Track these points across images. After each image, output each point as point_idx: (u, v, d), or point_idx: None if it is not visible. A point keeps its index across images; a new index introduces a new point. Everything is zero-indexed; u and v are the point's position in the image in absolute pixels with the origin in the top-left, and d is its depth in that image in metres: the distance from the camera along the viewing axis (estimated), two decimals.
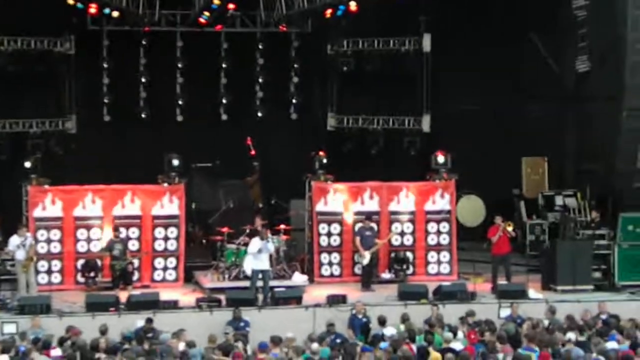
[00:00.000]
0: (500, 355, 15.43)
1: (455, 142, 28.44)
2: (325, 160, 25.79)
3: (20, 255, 22.34)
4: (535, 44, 30.52)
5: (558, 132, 30.79)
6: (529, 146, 30.68)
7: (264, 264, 22.95)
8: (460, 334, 18.65)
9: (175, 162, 25.01)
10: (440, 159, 26.07)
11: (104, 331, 19.21)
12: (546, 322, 19.55)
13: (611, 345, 16.89)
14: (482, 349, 17.06)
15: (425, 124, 29.13)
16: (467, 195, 29.10)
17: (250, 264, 23.13)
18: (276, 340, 17.67)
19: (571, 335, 17.49)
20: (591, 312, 20.99)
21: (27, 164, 24.50)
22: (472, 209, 29.22)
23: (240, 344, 17.93)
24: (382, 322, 20.25)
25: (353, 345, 17.64)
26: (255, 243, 23.02)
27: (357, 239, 24.67)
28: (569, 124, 30.69)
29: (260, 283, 22.92)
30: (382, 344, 17.96)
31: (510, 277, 24.18)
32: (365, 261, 24.29)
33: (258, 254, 22.88)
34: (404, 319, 20.28)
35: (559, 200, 29.28)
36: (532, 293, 23.18)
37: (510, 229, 24.17)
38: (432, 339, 17.70)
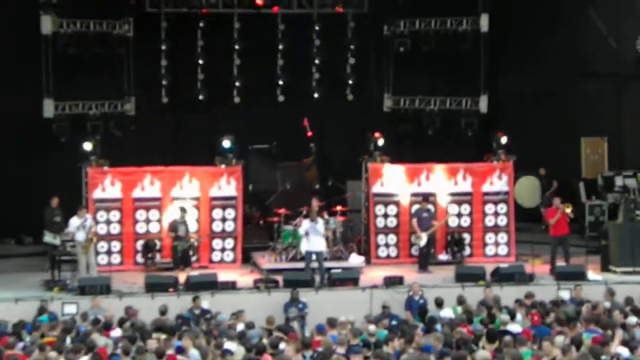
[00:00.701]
0: (560, 338, 15.31)
1: (513, 123, 28.31)
2: (381, 142, 25.71)
3: (80, 236, 22.56)
4: (594, 22, 30.17)
5: (617, 112, 30.46)
6: (589, 126, 30.41)
7: (316, 245, 22.94)
8: (518, 316, 18.53)
9: (227, 144, 25.06)
10: (503, 139, 25.85)
11: (163, 312, 19.40)
12: (607, 304, 19.38)
13: None
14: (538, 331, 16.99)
15: (483, 104, 28.90)
16: (526, 176, 28.89)
17: (304, 246, 23.17)
18: (333, 323, 17.70)
19: (632, 319, 17.32)
20: None
21: (87, 146, 24.73)
22: (530, 190, 29.02)
23: (296, 324, 18.03)
24: (439, 303, 20.21)
25: (412, 327, 17.64)
26: (304, 224, 23.09)
27: (414, 220, 24.59)
28: (628, 102, 30.34)
29: (315, 264, 22.97)
30: (439, 326, 17.94)
31: (569, 258, 23.96)
32: (422, 243, 24.19)
33: (308, 235, 22.89)
34: (461, 301, 20.24)
35: (618, 181, 29.00)
36: (591, 275, 22.95)
37: (568, 210, 23.92)
38: (489, 321, 17.62)
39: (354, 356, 14.93)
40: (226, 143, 25.11)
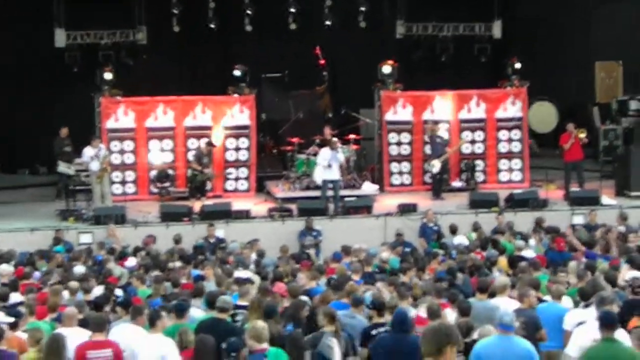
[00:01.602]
0: (574, 263, 15.34)
1: (526, 48, 28.11)
2: (394, 69, 25.56)
3: (94, 166, 22.56)
4: None
5: (632, 35, 30.17)
6: (603, 50, 30.15)
7: (334, 174, 22.93)
8: (532, 242, 18.57)
9: (238, 73, 24.96)
10: (517, 65, 25.69)
11: (178, 240, 19.52)
12: (622, 229, 19.39)
13: None
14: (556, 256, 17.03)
15: (497, 30, 28.68)
16: (540, 101, 28.75)
17: (320, 174, 23.11)
18: (347, 250, 17.79)
19: None
20: None
21: (107, 75, 24.60)
22: (545, 116, 28.89)
23: (312, 252, 18.12)
24: (454, 230, 20.28)
25: (430, 255, 17.66)
26: (325, 153, 22.97)
27: (428, 147, 24.57)
28: None
29: (330, 193, 23.00)
30: (453, 252, 18.01)
31: (583, 183, 23.92)
32: (435, 170, 24.15)
33: (331, 166, 22.88)
34: (475, 227, 20.30)
35: (633, 105, 28.81)
36: (605, 199, 22.92)
37: (582, 135, 23.81)
38: (500, 248, 17.65)
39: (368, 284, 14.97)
40: (237, 72, 25.01)
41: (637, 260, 14.95)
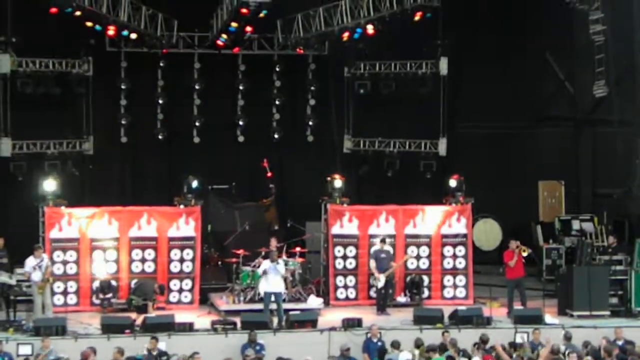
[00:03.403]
0: None
1: (471, 165, 28.52)
2: (341, 183, 25.74)
3: (36, 276, 22.29)
4: (551, 66, 30.55)
5: (574, 156, 30.80)
6: (546, 170, 30.72)
7: (275, 286, 22.87)
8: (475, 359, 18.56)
9: (195, 184, 25.02)
10: (452, 182, 25.97)
11: (122, 351, 19.20)
12: (562, 348, 19.46)
13: None
14: None
15: (442, 147, 29.10)
16: (484, 219, 29.05)
17: (262, 286, 23.08)
18: None
19: None
20: (608, 339, 20.83)
21: (49, 185, 24.43)
22: (489, 233, 29.17)
23: None
24: (397, 346, 20.17)
25: None
26: (263, 265, 23.05)
27: (372, 261, 24.61)
28: (585, 147, 30.69)
29: (273, 306, 22.89)
30: None
31: (525, 301, 24.02)
32: (380, 284, 24.18)
33: (268, 276, 22.83)
34: (418, 344, 20.22)
35: (575, 225, 29.20)
36: (549, 318, 23.02)
37: (525, 254, 24.03)
38: None
39: None
40: (194, 183, 25.00)
41: None
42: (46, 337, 20.41)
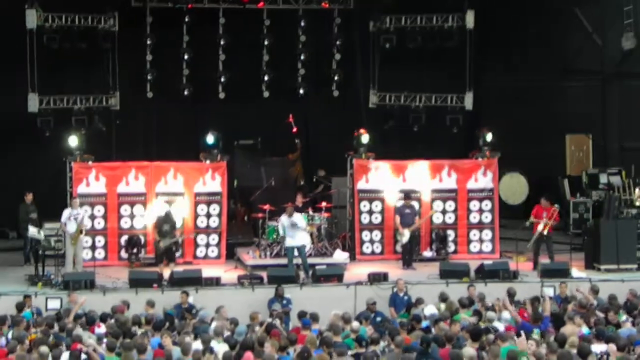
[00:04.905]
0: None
1: (498, 120, 28.34)
2: (367, 138, 25.68)
3: (71, 227, 22.51)
4: (579, 19, 30.26)
5: (602, 109, 30.55)
6: (573, 123, 30.51)
7: (297, 240, 22.91)
8: (505, 313, 18.51)
9: (211, 140, 24.98)
10: (488, 136, 25.84)
11: (152, 304, 19.30)
12: (594, 302, 19.41)
13: None
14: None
15: (468, 101, 28.91)
16: (510, 173, 28.94)
17: (287, 241, 23.15)
18: (315, 318, 17.69)
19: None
20: (635, 292, 20.76)
21: (72, 141, 24.62)
22: (515, 187, 29.07)
23: (278, 322, 17.98)
24: (420, 302, 20.15)
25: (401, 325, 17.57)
26: (281, 220, 23.11)
27: (397, 217, 24.61)
28: (613, 100, 30.44)
29: (298, 260, 22.95)
30: (424, 323, 17.93)
31: (552, 256, 24.02)
32: (405, 239, 24.21)
33: (289, 230, 22.84)
34: (443, 297, 20.22)
35: (603, 179, 29.08)
36: (575, 272, 22.99)
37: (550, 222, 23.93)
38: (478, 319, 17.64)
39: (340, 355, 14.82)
40: (210, 139, 25.02)
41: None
42: (73, 292, 20.59)
